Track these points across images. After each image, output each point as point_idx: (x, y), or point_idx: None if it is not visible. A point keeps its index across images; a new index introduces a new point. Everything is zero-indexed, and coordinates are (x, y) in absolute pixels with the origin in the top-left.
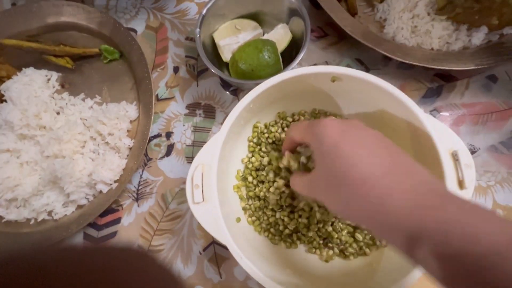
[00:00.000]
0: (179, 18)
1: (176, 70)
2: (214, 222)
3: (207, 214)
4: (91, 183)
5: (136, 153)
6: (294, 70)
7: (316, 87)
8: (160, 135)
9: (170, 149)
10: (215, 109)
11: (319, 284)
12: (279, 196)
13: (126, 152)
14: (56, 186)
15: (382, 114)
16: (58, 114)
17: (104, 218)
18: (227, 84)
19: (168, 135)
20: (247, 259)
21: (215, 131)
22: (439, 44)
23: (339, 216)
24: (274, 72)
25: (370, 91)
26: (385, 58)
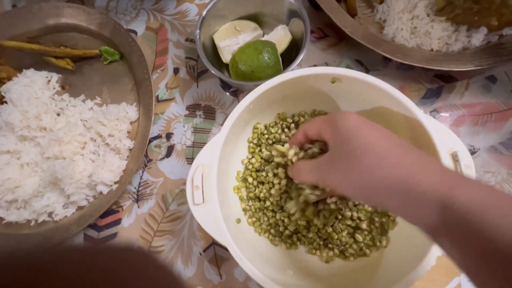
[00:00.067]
0: (179, 19)
1: (176, 71)
2: (214, 223)
3: (207, 215)
4: (91, 184)
5: (136, 154)
6: (294, 71)
7: (316, 88)
8: (160, 136)
9: (170, 150)
10: (215, 110)
11: (319, 285)
12: (279, 197)
13: (126, 153)
14: (57, 188)
15: (381, 115)
16: (58, 116)
17: (104, 219)
18: (227, 85)
19: (168, 136)
20: (247, 260)
21: (215, 132)
22: (438, 45)
23: (355, 196)
24: (274, 73)
25: (370, 92)
26: (384, 59)
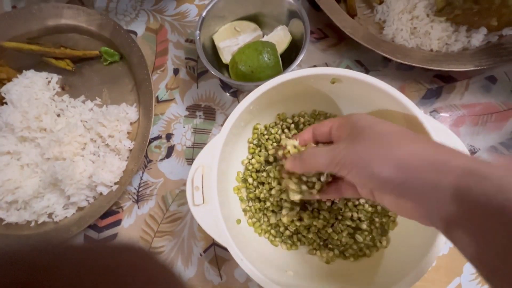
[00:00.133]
0: (179, 20)
1: (176, 72)
2: (215, 224)
3: (207, 216)
4: (92, 185)
5: (136, 155)
6: (294, 72)
7: (316, 89)
8: (160, 137)
9: (170, 151)
10: (215, 110)
11: (319, 285)
12: (279, 197)
13: (126, 154)
14: (57, 188)
15: (381, 115)
16: (58, 116)
17: (105, 220)
18: (227, 85)
19: (168, 137)
20: (248, 260)
21: (215, 132)
22: (438, 45)
23: (377, 171)
24: (274, 74)
25: (370, 93)
26: (384, 59)
